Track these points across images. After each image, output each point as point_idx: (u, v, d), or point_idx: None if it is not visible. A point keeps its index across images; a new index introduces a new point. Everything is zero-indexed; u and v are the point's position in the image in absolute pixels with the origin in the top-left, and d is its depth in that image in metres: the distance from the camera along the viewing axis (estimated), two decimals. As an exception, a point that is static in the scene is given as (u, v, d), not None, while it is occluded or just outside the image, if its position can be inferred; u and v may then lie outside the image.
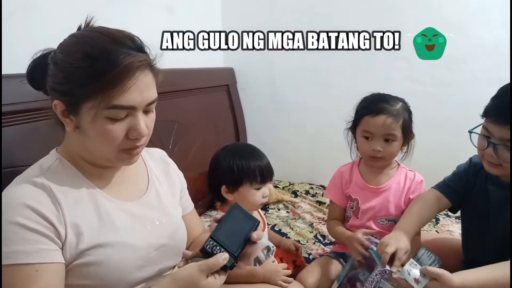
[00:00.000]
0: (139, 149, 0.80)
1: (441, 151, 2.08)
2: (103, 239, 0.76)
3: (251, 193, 1.20)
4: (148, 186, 0.92)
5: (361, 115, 1.26)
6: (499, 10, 1.89)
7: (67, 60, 0.71)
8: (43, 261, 0.69)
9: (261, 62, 2.47)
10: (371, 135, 1.23)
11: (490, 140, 0.99)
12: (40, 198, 0.72)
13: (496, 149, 0.97)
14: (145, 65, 0.74)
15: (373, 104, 1.24)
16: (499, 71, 1.91)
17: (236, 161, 1.20)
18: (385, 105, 1.22)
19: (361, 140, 1.27)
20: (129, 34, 0.75)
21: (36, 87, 0.80)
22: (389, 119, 1.20)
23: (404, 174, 1.33)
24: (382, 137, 1.22)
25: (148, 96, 0.76)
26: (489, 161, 1.02)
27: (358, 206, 1.32)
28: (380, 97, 1.27)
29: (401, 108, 1.23)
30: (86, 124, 0.73)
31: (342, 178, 1.36)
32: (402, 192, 1.31)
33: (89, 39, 0.73)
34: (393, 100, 1.25)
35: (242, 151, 1.26)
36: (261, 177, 1.20)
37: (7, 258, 0.67)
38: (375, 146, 1.23)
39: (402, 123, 1.22)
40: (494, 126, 0.97)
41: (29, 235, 0.69)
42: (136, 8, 1.70)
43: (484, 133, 1.02)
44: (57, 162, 0.80)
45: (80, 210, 0.76)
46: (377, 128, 1.21)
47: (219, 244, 0.74)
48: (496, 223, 1.10)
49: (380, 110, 1.21)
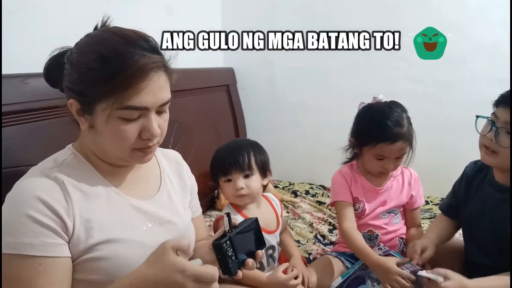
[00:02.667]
0: (153, 148, 0.81)
1: (441, 151, 2.08)
2: (113, 235, 0.76)
3: (223, 186, 1.23)
4: (161, 186, 0.92)
5: (375, 141, 1.22)
6: (499, 10, 1.89)
7: (82, 61, 0.72)
8: (48, 255, 0.70)
9: (261, 62, 2.47)
10: (384, 157, 1.24)
11: (494, 124, 1.03)
12: (52, 191, 0.73)
13: (497, 133, 1.01)
14: (159, 66, 0.74)
15: (389, 130, 1.20)
16: (499, 71, 1.92)
17: (214, 154, 1.25)
18: (400, 130, 1.21)
19: (371, 159, 1.27)
20: (144, 35, 0.76)
21: (52, 85, 0.81)
22: (404, 144, 1.22)
23: (400, 171, 1.37)
24: (395, 157, 1.24)
25: (161, 97, 0.76)
26: (486, 148, 1.06)
27: (364, 207, 1.33)
28: (394, 121, 1.21)
29: (407, 123, 1.24)
30: (100, 124, 0.74)
31: (346, 178, 1.34)
32: (403, 189, 1.35)
33: (104, 40, 0.73)
34: (401, 117, 1.23)
35: (227, 144, 1.28)
36: (223, 169, 1.20)
37: (14, 248, 0.68)
38: (388, 166, 1.25)
39: (411, 139, 1.25)
40: (501, 110, 1.02)
41: (37, 228, 0.69)
42: (136, 8, 1.70)
43: (491, 118, 1.06)
44: (72, 157, 0.81)
45: (91, 205, 0.77)
46: (393, 153, 1.23)
47: (233, 249, 0.75)
48: (493, 225, 1.10)
49: (397, 138, 1.20)
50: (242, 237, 0.78)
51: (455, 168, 1.30)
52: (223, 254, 0.74)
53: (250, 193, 1.19)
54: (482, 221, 1.13)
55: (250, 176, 1.20)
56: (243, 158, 1.19)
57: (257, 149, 1.25)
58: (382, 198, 1.34)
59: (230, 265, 0.74)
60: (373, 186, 1.33)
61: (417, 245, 1.15)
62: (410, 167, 1.36)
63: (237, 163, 1.18)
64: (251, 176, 1.20)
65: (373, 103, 1.29)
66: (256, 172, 1.22)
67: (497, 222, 1.09)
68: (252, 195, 1.21)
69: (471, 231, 1.20)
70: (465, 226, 1.25)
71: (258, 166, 1.22)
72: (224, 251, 0.74)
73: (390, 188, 1.34)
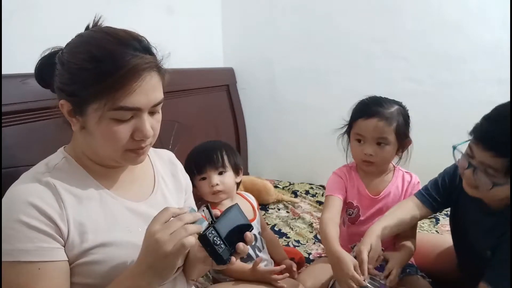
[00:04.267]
0: (145, 149, 0.80)
1: (440, 151, 2.04)
2: (108, 238, 0.76)
3: (199, 184, 1.27)
4: (155, 187, 0.92)
5: (355, 118, 1.25)
6: (499, 10, 1.89)
7: (73, 61, 0.71)
8: (45, 259, 0.70)
9: (261, 62, 2.47)
10: (363, 138, 1.22)
11: (471, 161, 0.95)
12: (44, 196, 0.72)
13: (475, 172, 0.93)
14: (152, 66, 0.73)
15: (367, 107, 1.22)
16: (499, 71, 1.92)
17: (188, 155, 1.31)
18: (379, 108, 1.20)
19: (354, 143, 1.26)
20: (136, 35, 0.75)
21: (44, 85, 0.81)
22: (381, 122, 1.18)
23: (401, 177, 1.32)
24: (374, 141, 1.20)
25: (154, 97, 0.75)
26: (467, 182, 0.99)
27: (359, 213, 1.30)
28: (375, 100, 1.24)
29: (396, 111, 1.20)
30: (92, 125, 0.73)
31: (342, 177, 1.33)
32: (401, 197, 1.29)
33: (95, 40, 0.72)
34: (388, 103, 1.22)
35: (200, 145, 1.34)
36: (197, 168, 1.25)
37: (9, 255, 0.68)
38: (367, 150, 1.21)
39: (396, 127, 1.19)
40: (477, 148, 0.92)
41: (31, 233, 0.69)
42: (136, 8, 1.70)
43: (467, 151, 0.97)
44: (64, 161, 0.80)
45: (85, 209, 0.76)
46: (369, 131, 1.20)
47: (219, 236, 0.74)
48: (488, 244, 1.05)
49: (372, 113, 1.19)
50: (226, 224, 0.77)
51: (455, 168, 1.30)
52: (211, 244, 0.73)
53: (225, 189, 1.26)
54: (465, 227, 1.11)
55: (224, 173, 1.27)
56: (217, 156, 1.26)
57: (230, 149, 1.32)
58: (379, 206, 1.29)
59: (221, 253, 0.73)
60: (369, 193, 1.29)
61: (362, 253, 1.05)
62: (410, 169, 1.32)
63: (211, 161, 1.25)
64: (225, 173, 1.27)
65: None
66: (230, 170, 1.29)
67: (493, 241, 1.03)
68: (226, 191, 1.27)
69: (460, 235, 1.17)
70: (459, 234, 1.21)
71: (231, 164, 1.29)
72: (211, 241, 0.73)
73: (388, 196, 1.29)
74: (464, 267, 1.22)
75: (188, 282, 0.96)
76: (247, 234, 0.79)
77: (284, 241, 1.77)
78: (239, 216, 0.82)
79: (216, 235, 0.74)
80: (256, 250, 1.30)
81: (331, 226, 1.17)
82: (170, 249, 0.66)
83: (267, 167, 2.63)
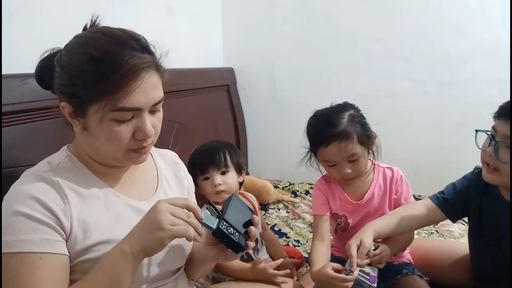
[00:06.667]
0: (147, 148, 0.80)
1: (440, 151, 2.07)
2: (110, 236, 0.76)
3: (202, 184, 1.27)
4: (158, 186, 0.92)
5: (314, 148, 1.20)
6: (499, 10, 1.89)
7: (72, 63, 0.71)
8: (48, 251, 0.70)
9: (261, 62, 2.47)
10: (333, 162, 1.17)
11: (493, 139, 0.97)
12: (47, 191, 0.73)
13: (496, 148, 0.95)
14: (150, 65, 0.73)
15: (319, 133, 1.16)
16: (499, 71, 1.92)
17: (191, 155, 1.31)
18: (331, 129, 1.13)
19: (326, 167, 1.22)
20: (133, 34, 0.75)
21: (45, 87, 0.81)
22: (342, 144, 1.12)
23: (382, 174, 1.27)
24: (345, 160, 1.16)
25: (154, 96, 0.75)
26: (487, 165, 1.00)
27: (347, 221, 1.27)
28: (323, 120, 1.18)
29: (348, 120, 1.14)
30: (93, 126, 0.74)
31: (322, 191, 1.29)
32: (385, 195, 1.25)
33: (93, 40, 0.72)
34: (336, 116, 1.15)
35: (203, 145, 1.34)
36: (200, 168, 1.25)
37: (12, 246, 0.68)
38: (343, 171, 1.17)
39: (357, 138, 1.14)
40: (499, 123, 0.96)
41: (34, 224, 0.69)
42: (136, 8, 1.71)
43: (491, 132, 1.01)
44: (67, 160, 0.80)
45: (88, 207, 0.77)
46: (335, 156, 1.15)
47: (231, 226, 0.77)
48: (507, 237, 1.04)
49: (329, 139, 1.13)
50: (233, 213, 0.80)
51: (455, 168, 1.30)
52: (227, 235, 0.75)
53: (227, 189, 1.25)
54: (495, 233, 1.08)
55: (226, 173, 1.26)
56: (220, 156, 1.26)
57: (232, 149, 1.32)
58: (366, 210, 1.25)
59: (239, 241, 0.77)
60: (352, 200, 1.25)
61: (350, 247, 1.04)
62: (408, 168, 1.30)
63: (214, 161, 1.25)
64: (228, 173, 1.26)
65: (317, 110, 1.26)
66: (232, 170, 1.28)
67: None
68: (229, 191, 1.25)
69: (482, 242, 1.14)
70: (475, 237, 1.18)
71: (234, 164, 1.29)
72: (227, 232, 0.75)
73: (372, 198, 1.24)
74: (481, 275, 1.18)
75: (190, 282, 0.96)
76: (254, 218, 0.83)
77: (284, 241, 1.77)
78: (240, 203, 0.86)
79: (228, 226, 0.76)
80: (254, 251, 1.30)
81: (317, 250, 1.19)
82: (167, 226, 0.68)
83: (267, 167, 2.63)
